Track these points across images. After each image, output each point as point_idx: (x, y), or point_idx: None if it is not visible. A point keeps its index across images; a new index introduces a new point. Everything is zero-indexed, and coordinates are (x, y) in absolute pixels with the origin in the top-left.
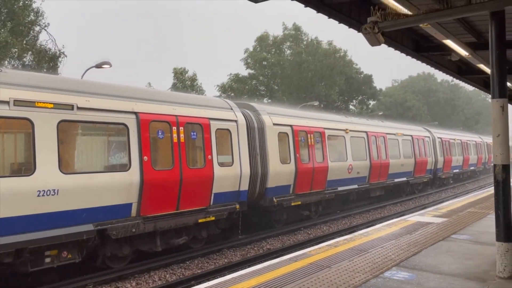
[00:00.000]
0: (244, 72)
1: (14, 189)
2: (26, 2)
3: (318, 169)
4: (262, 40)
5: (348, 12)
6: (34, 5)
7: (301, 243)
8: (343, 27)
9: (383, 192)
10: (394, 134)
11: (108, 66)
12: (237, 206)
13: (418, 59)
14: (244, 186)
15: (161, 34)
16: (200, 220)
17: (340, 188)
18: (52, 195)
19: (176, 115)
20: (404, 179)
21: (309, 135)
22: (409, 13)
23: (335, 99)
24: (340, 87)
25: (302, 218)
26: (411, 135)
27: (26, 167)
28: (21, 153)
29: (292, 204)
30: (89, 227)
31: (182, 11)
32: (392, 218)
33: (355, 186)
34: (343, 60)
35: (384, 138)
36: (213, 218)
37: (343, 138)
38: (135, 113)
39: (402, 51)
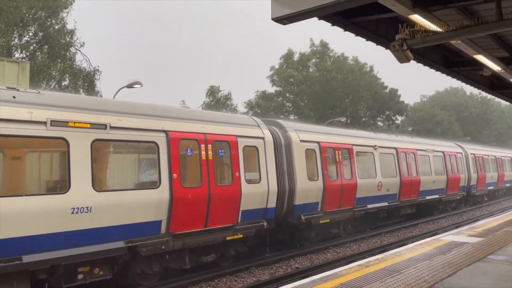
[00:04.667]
0: (270, 89)
1: (50, 206)
2: (64, 25)
3: (346, 186)
4: (288, 57)
5: (375, 30)
6: (68, 26)
7: (330, 262)
8: (367, 41)
9: (414, 210)
10: (424, 150)
11: (139, 85)
12: (265, 223)
13: (448, 74)
14: (272, 203)
15: (191, 51)
16: (228, 238)
17: (369, 206)
18: (85, 212)
19: (204, 133)
20: (436, 196)
21: (336, 151)
22: (439, 29)
23: (362, 115)
24: (367, 102)
25: (331, 236)
26: (443, 151)
27: (61, 185)
28: (57, 172)
29: (321, 221)
30: (120, 244)
31: (207, 27)
32: (425, 237)
33: (385, 204)
34: (368, 75)
35: (415, 154)
36: (241, 236)
37: (372, 155)
38: (165, 131)
39: (431, 67)
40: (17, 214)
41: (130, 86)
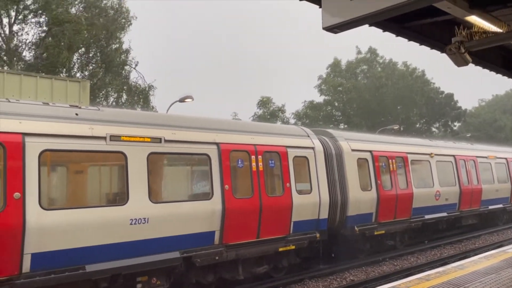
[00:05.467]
0: (317, 99)
1: (110, 218)
2: (120, 45)
3: (401, 196)
4: (334, 66)
5: (429, 34)
6: (124, 46)
7: (387, 275)
8: (411, 44)
9: (476, 221)
10: (485, 157)
11: (191, 100)
12: (318, 234)
13: (510, 76)
14: (324, 214)
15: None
16: (280, 249)
17: (427, 216)
18: (143, 223)
19: (254, 144)
20: (500, 205)
21: (390, 160)
22: (498, 30)
23: (415, 122)
24: (420, 109)
25: (386, 248)
26: (506, 158)
27: (120, 197)
28: (115, 184)
29: (375, 233)
30: (176, 254)
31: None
32: (489, 249)
33: (444, 214)
34: (421, 80)
35: (475, 161)
36: (293, 247)
37: (428, 163)
38: (216, 143)
39: (491, 70)
40: (81, 225)
41: (182, 100)
